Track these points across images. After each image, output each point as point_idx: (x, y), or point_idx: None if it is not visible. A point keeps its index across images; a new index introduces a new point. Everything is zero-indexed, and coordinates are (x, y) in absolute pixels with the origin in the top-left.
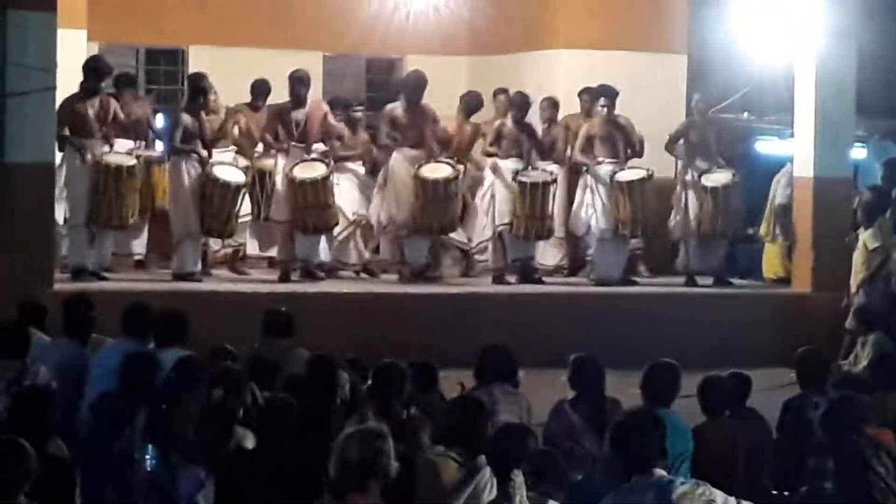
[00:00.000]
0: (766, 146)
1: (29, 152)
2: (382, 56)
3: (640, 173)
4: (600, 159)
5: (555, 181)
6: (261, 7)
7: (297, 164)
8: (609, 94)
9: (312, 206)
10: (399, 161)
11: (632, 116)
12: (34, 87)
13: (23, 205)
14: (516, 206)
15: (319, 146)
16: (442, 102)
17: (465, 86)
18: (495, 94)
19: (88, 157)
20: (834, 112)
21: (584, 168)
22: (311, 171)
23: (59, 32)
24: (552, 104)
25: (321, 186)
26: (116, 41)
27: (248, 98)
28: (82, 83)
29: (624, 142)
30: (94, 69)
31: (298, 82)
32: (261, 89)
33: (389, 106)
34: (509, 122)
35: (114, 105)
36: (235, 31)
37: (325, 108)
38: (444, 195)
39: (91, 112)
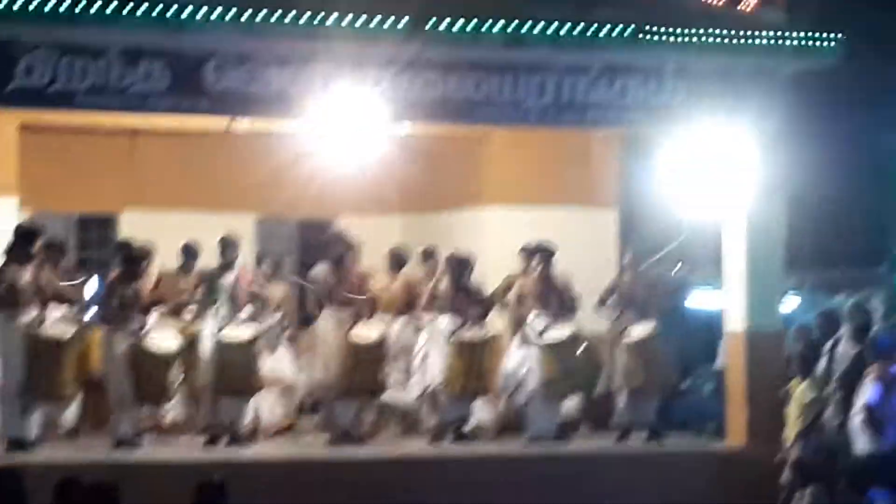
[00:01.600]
0: (699, 299)
1: None
2: (315, 218)
3: (567, 331)
4: (535, 313)
5: (493, 338)
6: (192, 170)
7: (225, 325)
8: (544, 251)
9: (239, 369)
10: (328, 324)
11: (563, 271)
12: None
13: None
14: (453, 363)
15: (248, 308)
16: (376, 261)
17: (397, 243)
18: (424, 255)
19: (21, 325)
20: (764, 265)
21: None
22: (237, 333)
23: None
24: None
25: (247, 349)
26: (48, 208)
27: (177, 261)
28: (11, 250)
29: (558, 299)
30: (24, 234)
31: (227, 246)
32: (190, 252)
33: (315, 270)
34: (444, 282)
35: (46, 272)
36: (166, 195)
37: (250, 273)
38: (374, 358)
39: (24, 279)
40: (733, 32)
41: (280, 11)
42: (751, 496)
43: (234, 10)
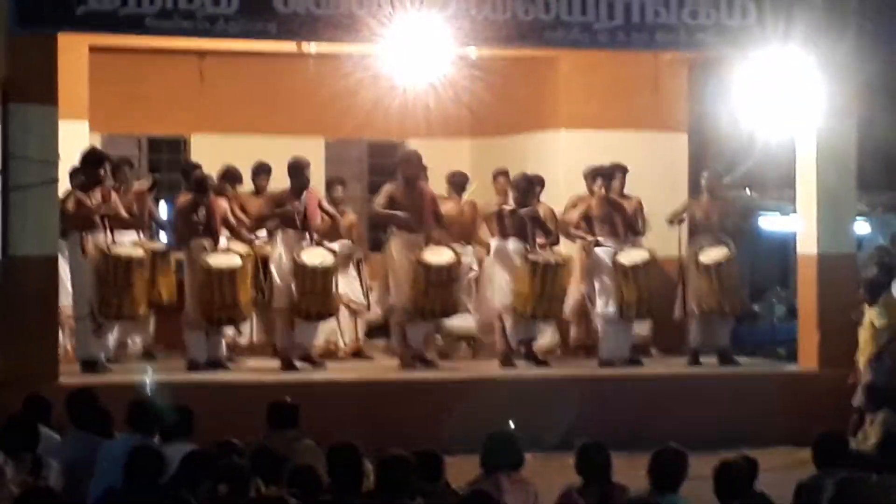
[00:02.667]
0: (770, 222)
1: (32, 245)
2: (384, 140)
3: (643, 256)
4: (599, 239)
5: (565, 263)
6: (261, 94)
7: (301, 249)
8: (606, 174)
9: (316, 293)
10: (398, 246)
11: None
12: (36, 179)
13: (27, 298)
14: (522, 286)
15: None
16: (445, 184)
17: (468, 168)
18: (495, 175)
19: (90, 248)
20: (836, 188)
21: (585, 250)
22: (316, 257)
23: (61, 124)
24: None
25: (326, 274)
26: (118, 132)
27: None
28: (79, 174)
29: (624, 221)
30: (91, 160)
31: (296, 171)
32: (261, 169)
33: (387, 186)
34: (511, 203)
35: (114, 196)
36: (236, 119)
37: (320, 194)
38: (446, 280)
39: (93, 203)
40: None
41: None
42: (822, 418)
43: None
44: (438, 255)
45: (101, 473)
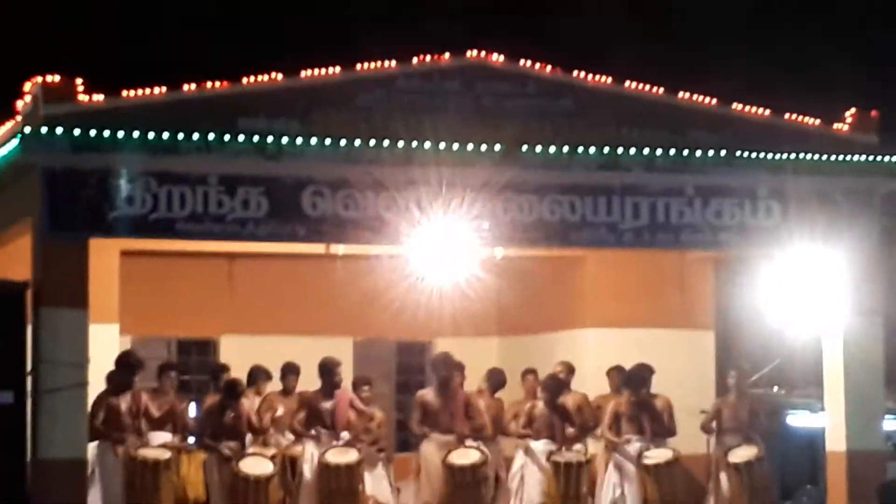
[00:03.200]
0: (798, 420)
1: (61, 448)
2: (412, 340)
3: (667, 455)
4: (628, 437)
5: (589, 461)
6: (289, 295)
7: (328, 449)
8: (634, 382)
9: (344, 493)
10: (430, 448)
11: (661, 393)
12: (66, 383)
13: (57, 500)
14: (549, 487)
15: (346, 434)
16: (472, 383)
17: (495, 365)
18: (524, 374)
19: (121, 450)
20: (863, 385)
21: (613, 447)
22: (343, 456)
23: (92, 327)
24: (567, 368)
25: (352, 472)
26: (148, 334)
27: (278, 385)
28: (113, 376)
29: (651, 420)
30: (125, 364)
31: (327, 371)
32: (290, 370)
33: (421, 392)
34: (541, 404)
35: (145, 399)
36: (265, 320)
37: (350, 394)
38: (472, 481)
39: (123, 406)
40: (827, 154)
41: (375, 139)
42: None
43: (329, 138)
44: (465, 457)
45: None
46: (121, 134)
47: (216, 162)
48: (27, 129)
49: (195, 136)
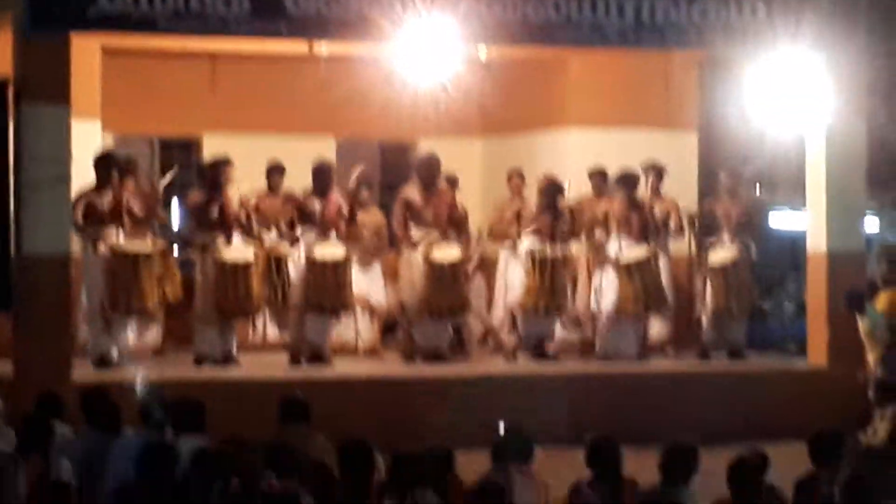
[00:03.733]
0: (779, 220)
1: (45, 243)
2: (395, 140)
3: (641, 252)
4: (613, 241)
5: (569, 255)
6: (273, 93)
7: (316, 244)
8: (628, 179)
9: (328, 287)
10: (410, 249)
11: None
12: (49, 178)
13: (41, 296)
14: (529, 280)
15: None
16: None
17: (479, 166)
18: (509, 175)
19: (102, 246)
20: (845, 185)
21: (596, 248)
22: (330, 252)
23: (74, 124)
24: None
25: (339, 268)
26: (130, 132)
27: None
28: (95, 174)
29: (640, 223)
30: (100, 160)
31: (319, 173)
32: (275, 168)
33: (405, 191)
34: (530, 205)
35: (126, 197)
36: (248, 118)
37: (340, 200)
38: (451, 278)
39: (105, 205)
40: None
41: None
42: (832, 415)
43: None
44: (446, 253)
45: (114, 470)
46: None
47: None
48: None
49: None
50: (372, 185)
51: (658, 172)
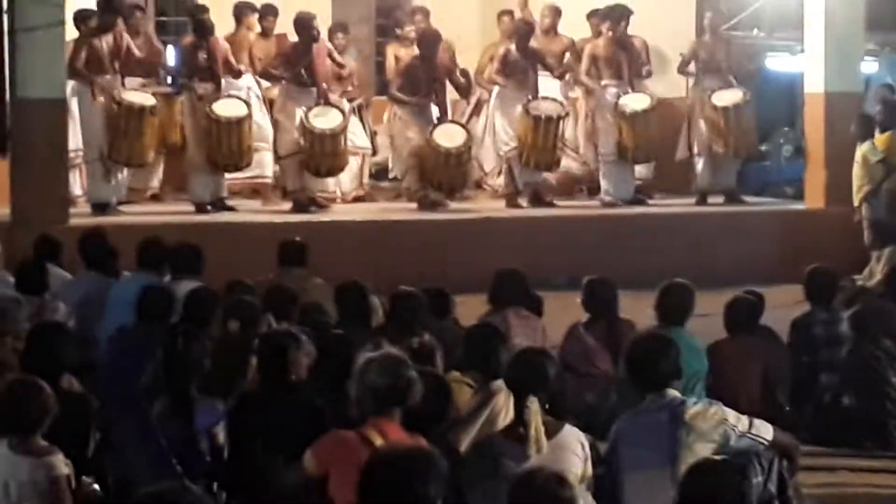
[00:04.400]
0: (777, 63)
1: (40, 87)
2: None
3: (645, 102)
4: (604, 83)
5: (567, 114)
6: None
7: (312, 109)
8: (613, 16)
9: (326, 154)
10: (406, 119)
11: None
12: (43, 22)
13: (35, 140)
14: (525, 137)
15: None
16: (453, 25)
17: (476, 6)
18: (499, 15)
19: (100, 93)
20: (844, 27)
21: (590, 93)
22: (327, 120)
23: None
24: (554, 11)
25: (336, 137)
26: None
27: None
28: (91, 17)
29: (629, 64)
30: (106, 4)
31: (302, 26)
32: (268, 9)
33: (403, 58)
34: (514, 48)
35: (127, 40)
36: None
37: (329, 46)
38: (456, 163)
39: (105, 47)
40: None
41: None
42: (829, 255)
43: None
44: (451, 139)
45: (112, 312)
46: None
47: None
48: None
49: None
50: (347, 29)
51: (624, 12)
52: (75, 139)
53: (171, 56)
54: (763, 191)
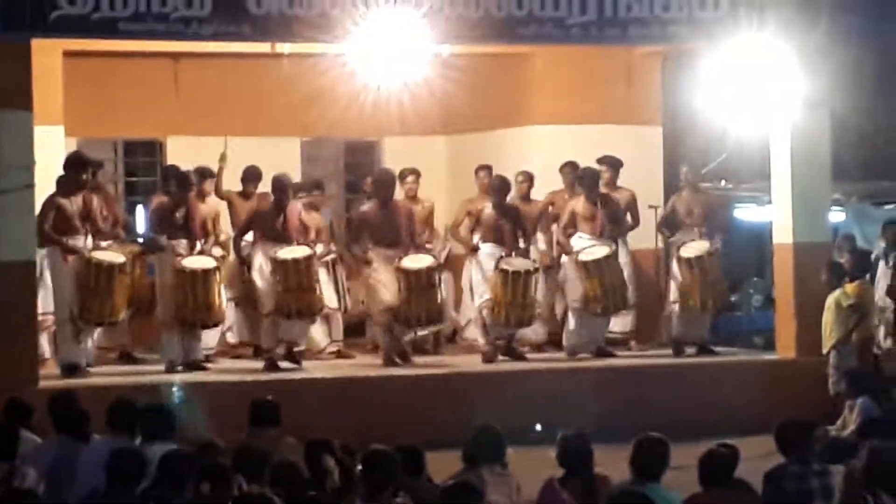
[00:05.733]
0: (745, 213)
1: (10, 250)
2: (360, 138)
3: (603, 251)
4: (580, 236)
5: (537, 270)
6: (236, 95)
7: (279, 248)
8: (587, 180)
9: (296, 289)
10: (378, 261)
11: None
12: (13, 185)
13: (5, 303)
14: (497, 293)
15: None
16: (422, 182)
17: (444, 164)
18: (477, 171)
19: (70, 253)
20: (810, 178)
21: (564, 251)
22: (294, 252)
23: (36, 129)
24: (527, 178)
25: (304, 267)
26: (94, 135)
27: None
28: (62, 178)
29: (608, 218)
30: (74, 164)
31: (278, 189)
32: (251, 176)
33: (361, 209)
34: (489, 206)
35: (97, 201)
36: (211, 121)
37: (299, 207)
38: (426, 284)
39: (74, 208)
40: None
41: None
42: (802, 406)
43: None
44: (417, 261)
45: (83, 476)
46: None
47: None
48: None
49: None
50: (323, 187)
51: (613, 165)
52: (45, 302)
53: (139, 215)
54: (733, 341)
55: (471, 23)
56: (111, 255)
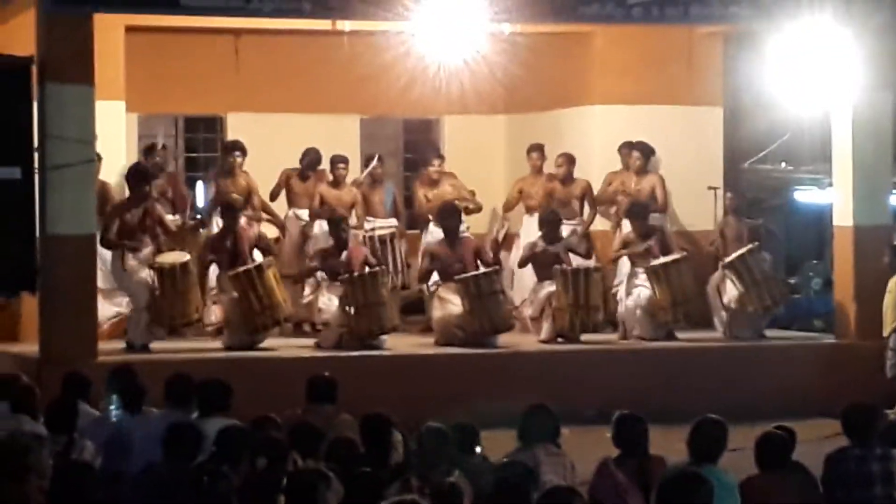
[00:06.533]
0: (806, 196)
1: (70, 224)
2: (419, 117)
3: (674, 255)
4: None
5: (598, 269)
6: (296, 73)
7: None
8: (635, 212)
9: (370, 304)
10: (447, 293)
11: (669, 170)
12: (74, 159)
13: (65, 276)
14: (558, 298)
15: None
16: (480, 161)
17: (503, 144)
18: (529, 150)
19: (132, 263)
20: (872, 160)
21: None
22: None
23: (98, 104)
24: (568, 159)
25: (375, 281)
26: (154, 111)
27: (286, 163)
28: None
29: (659, 241)
30: (135, 175)
31: (334, 227)
32: (312, 159)
33: (429, 242)
34: (541, 242)
35: (159, 211)
36: (272, 98)
37: (364, 249)
38: (489, 291)
39: (136, 220)
40: None
41: None
42: (860, 390)
43: None
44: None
45: (140, 450)
46: None
47: None
48: None
49: None
50: (382, 159)
51: (644, 151)
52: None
53: (199, 192)
54: (792, 324)
55: (532, 1)
56: (173, 255)
